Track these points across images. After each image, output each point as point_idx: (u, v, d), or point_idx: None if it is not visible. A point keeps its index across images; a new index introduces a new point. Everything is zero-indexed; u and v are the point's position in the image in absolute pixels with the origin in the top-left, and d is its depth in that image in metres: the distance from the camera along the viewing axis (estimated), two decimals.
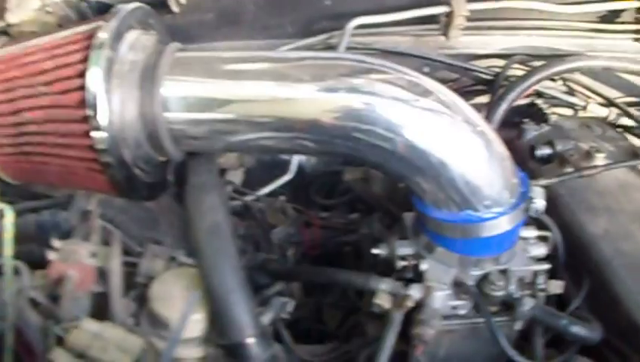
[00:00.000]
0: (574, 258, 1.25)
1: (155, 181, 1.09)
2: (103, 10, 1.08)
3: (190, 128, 0.99)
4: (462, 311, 1.12)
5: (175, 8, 1.52)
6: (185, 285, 1.08)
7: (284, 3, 1.80)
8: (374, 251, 1.19)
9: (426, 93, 0.97)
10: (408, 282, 1.11)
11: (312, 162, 1.82)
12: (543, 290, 1.13)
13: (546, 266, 1.18)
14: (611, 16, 1.83)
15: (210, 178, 1.10)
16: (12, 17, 1.35)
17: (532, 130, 1.60)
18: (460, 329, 1.13)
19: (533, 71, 1.64)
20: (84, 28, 0.98)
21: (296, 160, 1.68)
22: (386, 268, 1.16)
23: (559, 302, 1.19)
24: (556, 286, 1.19)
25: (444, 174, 0.98)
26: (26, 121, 0.98)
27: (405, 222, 1.22)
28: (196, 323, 1.03)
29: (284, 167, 1.71)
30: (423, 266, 1.11)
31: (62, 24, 1.38)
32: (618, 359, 1.12)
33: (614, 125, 1.69)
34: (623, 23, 1.83)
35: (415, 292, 1.12)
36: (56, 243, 1.07)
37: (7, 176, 1.07)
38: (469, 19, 1.67)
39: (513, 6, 1.75)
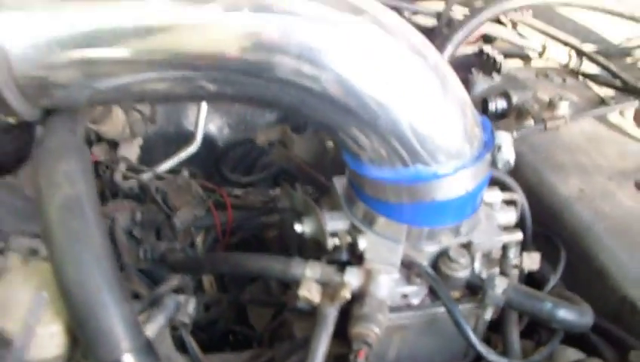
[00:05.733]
0: (544, 226, 1.10)
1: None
2: None
3: (42, 73, 0.71)
4: (415, 300, 0.91)
5: None
6: (36, 286, 0.78)
7: None
8: (297, 228, 0.91)
9: (357, 11, 0.75)
10: (343, 266, 0.87)
11: (225, 132, 1.52)
12: (516, 267, 0.92)
13: (519, 235, 0.94)
14: None
15: (70, 139, 0.79)
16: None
17: (482, 82, 1.44)
18: (414, 324, 0.91)
19: (478, 9, 1.39)
20: None
21: (201, 128, 1.38)
22: (316, 251, 0.93)
23: (529, 283, 0.98)
24: (532, 261, 0.94)
25: (385, 119, 0.77)
26: None
27: (336, 188, 0.95)
28: (51, 339, 0.76)
29: (190, 138, 1.42)
30: (362, 243, 0.86)
31: None
32: (608, 344, 0.94)
33: (576, 73, 1.54)
34: None
35: (352, 278, 0.85)
36: None
37: None
38: None
39: None
